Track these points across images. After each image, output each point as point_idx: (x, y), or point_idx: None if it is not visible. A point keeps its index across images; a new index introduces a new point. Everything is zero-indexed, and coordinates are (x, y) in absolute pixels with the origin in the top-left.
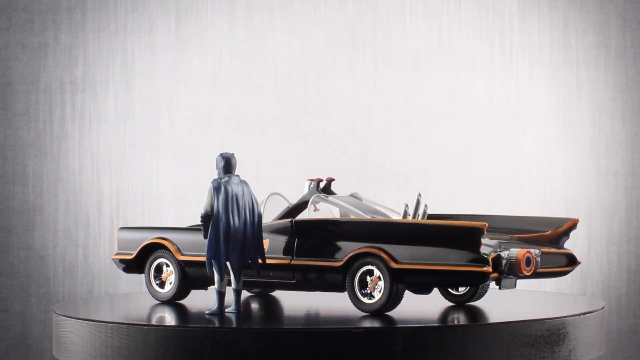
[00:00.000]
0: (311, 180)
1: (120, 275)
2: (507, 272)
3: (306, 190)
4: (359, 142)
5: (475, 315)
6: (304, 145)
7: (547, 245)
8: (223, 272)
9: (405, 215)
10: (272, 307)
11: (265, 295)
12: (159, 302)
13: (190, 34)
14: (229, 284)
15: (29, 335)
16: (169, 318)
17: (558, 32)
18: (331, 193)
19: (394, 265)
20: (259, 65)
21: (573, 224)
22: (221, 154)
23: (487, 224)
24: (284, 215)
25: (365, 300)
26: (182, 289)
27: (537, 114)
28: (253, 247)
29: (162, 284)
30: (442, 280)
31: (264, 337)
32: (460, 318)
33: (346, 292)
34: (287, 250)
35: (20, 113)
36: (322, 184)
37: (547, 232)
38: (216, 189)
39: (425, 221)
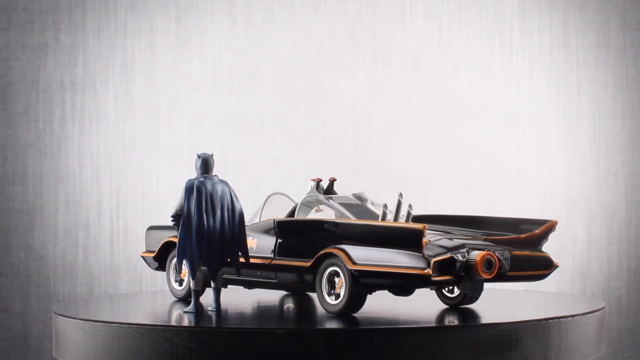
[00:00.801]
0: (314, 180)
1: (120, 275)
2: (466, 275)
3: (308, 189)
4: (359, 142)
5: (420, 318)
6: (304, 145)
7: (521, 248)
8: (195, 271)
9: (384, 216)
10: (249, 306)
11: (293, 295)
12: (176, 299)
13: (190, 34)
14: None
15: (29, 335)
16: (162, 318)
17: (558, 32)
18: (333, 193)
19: (351, 266)
20: (259, 65)
21: (551, 227)
22: (198, 154)
23: (425, 226)
24: (290, 215)
25: (331, 301)
26: None
27: (537, 114)
28: (234, 246)
29: (181, 282)
30: (391, 283)
31: (194, 336)
32: (400, 320)
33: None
34: (270, 250)
35: (20, 113)
36: (324, 184)
37: (523, 235)
38: (188, 189)
39: (373, 222)
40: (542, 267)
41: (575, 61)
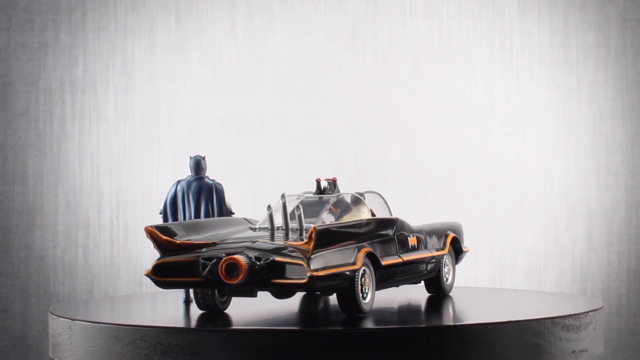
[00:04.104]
0: (320, 180)
1: (120, 275)
2: (216, 279)
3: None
4: (359, 142)
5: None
6: (304, 145)
7: (285, 256)
8: None
9: (270, 217)
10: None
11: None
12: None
13: (190, 34)
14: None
15: (29, 335)
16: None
17: (558, 32)
18: (333, 192)
19: None
20: (259, 65)
21: (310, 234)
22: (190, 156)
23: (147, 227)
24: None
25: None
26: None
27: (537, 114)
28: None
29: None
30: None
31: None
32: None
33: None
34: None
35: (20, 113)
36: (324, 184)
37: (303, 242)
38: (171, 188)
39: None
40: (293, 276)
41: (575, 61)
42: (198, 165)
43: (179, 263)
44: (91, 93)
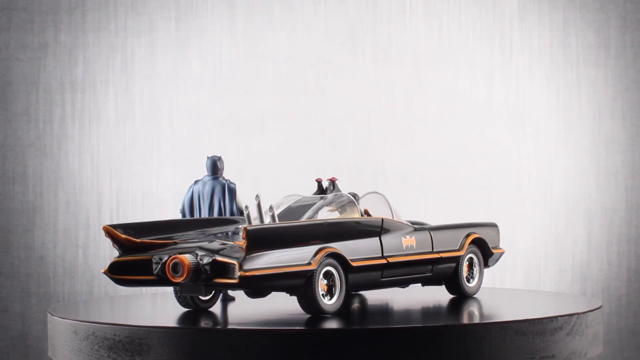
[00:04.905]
0: (320, 180)
1: None
2: (165, 277)
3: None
4: (359, 142)
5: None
6: (304, 145)
7: (224, 255)
8: None
9: (248, 217)
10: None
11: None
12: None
13: (190, 34)
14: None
15: (29, 335)
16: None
17: (558, 32)
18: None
19: None
20: (259, 65)
21: (244, 233)
22: (208, 156)
23: (105, 226)
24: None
25: None
26: None
27: (537, 114)
28: None
29: None
30: None
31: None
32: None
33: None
34: None
35: (20, 113)
36: (325, 184)
37: (241, 242)
38: (189, 187)
39: None
40: (229, 276)
41: (575, 61)
42: (214, 166)
43: (134, 262)
44: (91, 93)
